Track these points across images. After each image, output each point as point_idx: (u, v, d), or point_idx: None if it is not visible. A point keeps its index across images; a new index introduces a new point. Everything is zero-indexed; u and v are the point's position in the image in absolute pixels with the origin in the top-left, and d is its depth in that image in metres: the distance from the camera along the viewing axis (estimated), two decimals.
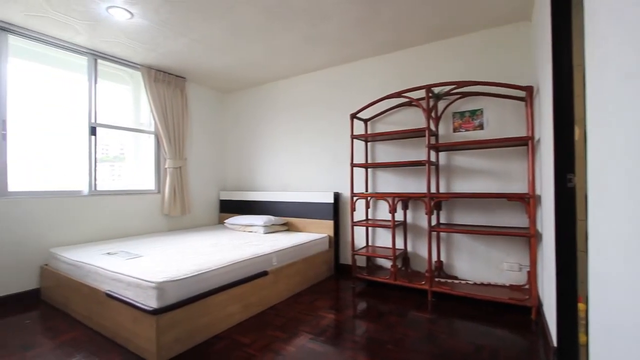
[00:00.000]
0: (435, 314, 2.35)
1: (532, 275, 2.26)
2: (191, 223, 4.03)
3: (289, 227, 3.69)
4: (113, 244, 2.82)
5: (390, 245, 3.10)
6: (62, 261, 2.49)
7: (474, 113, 2.77)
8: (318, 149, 3.66)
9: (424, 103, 2.72)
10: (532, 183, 2.28)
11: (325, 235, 3.34)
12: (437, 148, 2.78)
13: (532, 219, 2.23)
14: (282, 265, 2.65)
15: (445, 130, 2.90)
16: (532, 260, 2.24)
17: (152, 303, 1.76)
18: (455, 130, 2.85)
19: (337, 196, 3.43)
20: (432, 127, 2.87)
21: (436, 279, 2.75)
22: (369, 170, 3.32)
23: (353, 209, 3.01)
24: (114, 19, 2.52)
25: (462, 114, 2.82)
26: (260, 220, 3.44)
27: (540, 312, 2.22)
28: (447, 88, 2.70)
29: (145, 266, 2.08)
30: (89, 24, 2.60)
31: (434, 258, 2.87)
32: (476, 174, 2.76)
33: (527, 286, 2.46)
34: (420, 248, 3.02)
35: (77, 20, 2.55)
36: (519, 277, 2.57)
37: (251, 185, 4.27)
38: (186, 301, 1.85)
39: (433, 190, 2.88)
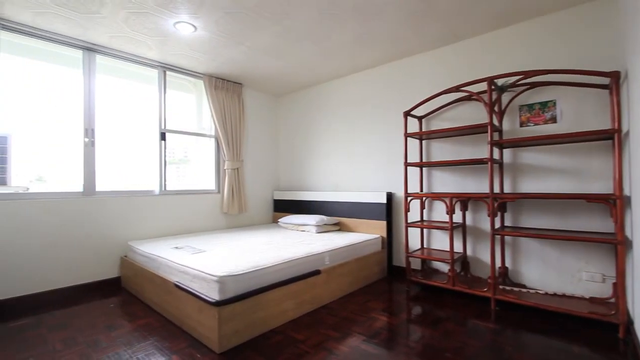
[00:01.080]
0: (499, 324, 2.17)
1: (620, 287, 1.97)
2: (247, 221, 4.24)
3: (340, 227, 3.70)
4: (180, 239, 3.08)
5: (447, 248, 2.94)
6: (138, 253, 2.79)
7: (545, 105, 2.51)
8: (370, 149, 3.61)
9: (485, 97, 2.54)
10: (619, 182, 1.99)
11: (378, 235, 3.28)
12: (501, 145, 2.57)
13: (620, 224, 1.94)
14: (334, 264, 2.66)
15: (510, 125, 2.67)
16: (620, 270, 1.95)
17: (214, 295, 1.88)
18: (522, 124, 2.60)
19: (390, 196, 3.35)
20: (495, 122, 2.66)
21: (500, 287, 2.54)
22: (424, 169, 3.18)
23: (407, 210, 2.91)
24: (180, 33, 2.75)
25: (530, 106, 2.57)
26: (312, 219, 3.49)
27: (630, 331, 1.93)
28: (513, 79, 2.48)
29: (208, 261, 2.23)
30: (159, 39, 2.87)
31: (498, 264, 2.65)
32: (547, 173, 2.50)
33: (612, 300, 2.16)
34: (481, 252, 2.81)
35: (149, 37, 2.83)
36: (601, 289, 2.26)
37: (303, 185, 4.36)
38: (244, 295, 1.94)
39: (496, 190, 2.67)
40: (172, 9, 2.39)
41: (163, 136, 3.45)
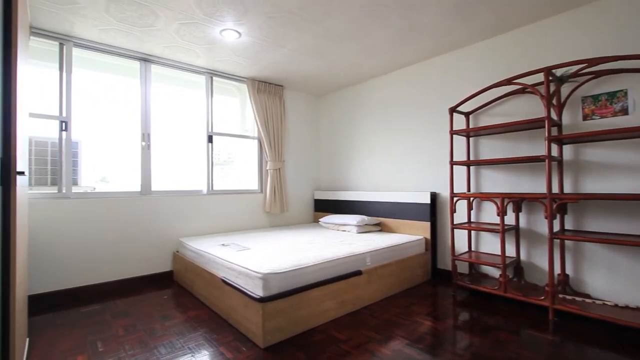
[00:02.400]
0: (558, 335, 1.99)
1: None
2: (289, 221, 4.32)
3: (382, 228, 3.63)
4: (225, 237, 3.22)
5: (498, 252, 2.76)
6: (188, 249, 2.96)
7: (613, 95, 2.25)
8: (412, 147, 3.50)
9: (541, 89, 2.35)
10: None
11: (421, 237, 3.17)
12: (560, 140, 2.35)
13: None
14: (376, 265, 2.62)
15: (570, 119, 2.43)
16: None
17: (258, 292, 1.94)
18: (585, 118, 2.36)
19: (434, 196, 3.22)
20: (554, 116, 2.44)
21: (560, 296, 2.33)
22: (472, 168, 3.01)
23: (453, 211, 2.78)
24: (226, 40, 2.88)
25: (595, 97, 2.32)
26: (353, 219, 3.47)
27: None
28: (574, 68, 2.26)
29: (252, 258, 2.31)
30: (206, 47, 3.03)
31: (557, 270, 2.44)
32: (616, 171, 2.24)
33: None
34: (537, 257, 2.60)
35: (197, 46, 3.00)
36: None
37: (344, 185, 4.35)
38: (287, 293, 1.98)
39: (555, 190, 2.45)
40: (219, 18, 2.51)
41: (210, 139, 3.64)
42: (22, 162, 1.45)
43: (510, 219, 2.71)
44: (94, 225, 2.85)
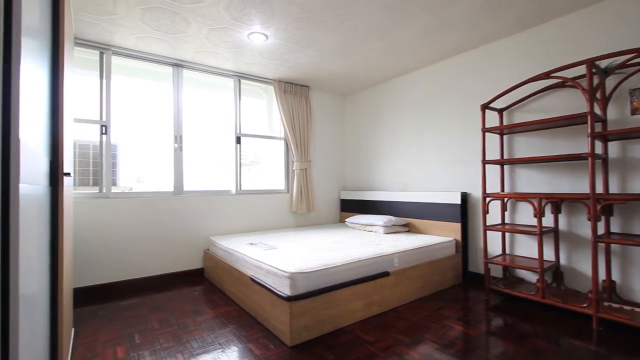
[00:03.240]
0: (603, 346, 1.85)
1: None
2: (315, 220, 4.34)
3: (409, 229, 3.56)
4: (253, 236, 3.28)
5: (535, 256, 2.62)
6: (218, 247, 3.05)
7: None
8: (442, 146, 3.40)
9: (583, 82, 2.20)
10: None
11: (451, 238, 3.07)
12: (605, 137, 2.19)
13: None
14: (404, 267, 2.57)
15: (617, 114, 2.26)
16: None
17: (286, 290, 1.96)
18: (634, 112, 2.18)
19: (465, 197, 3.11)
20: (597, 110, 2.28)
21: (605, 303, 2.17)
22: (506, 167, 2.88)
23: (485, 212, 2.66)
24: (253, 43, 2.93)
25: None
26: (380, 220, 3.42)
27: None
28: (621, 59, 2.10)
29: (279, 257, 2.34)
30: (234, 51, 3.10)
31: (602, 276, 2.27)
32: None
33: None
34: (579, 262, 2.44)
35: (226, 50, 3.08)
36: None
37: (371, 185, 4.30)
38: (314, 292, 1.99)
39: (599, 190, 2.29)
40: (246, 21, 2.56)
41: (238, 140, 3.73)
42: (68, 164, 1.55)
43: (548, 220, 2.56)
44: (131, 224, 3.01)
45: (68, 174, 1.38)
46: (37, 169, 0.91)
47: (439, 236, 3.17)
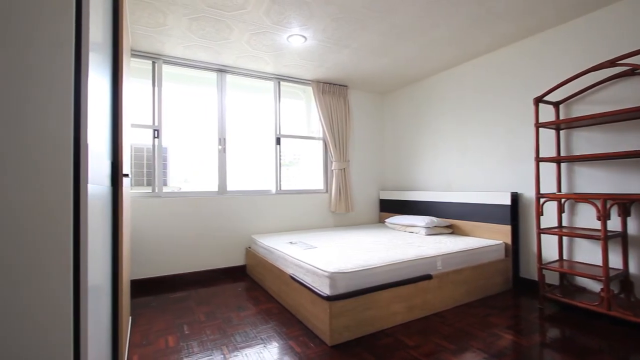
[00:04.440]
0: None
1: None
2: (354, 220, 4.31)
3: (453, 230, 3.40)
4: (293, 235, 3.34)
5: (598, 262, 2.38)
6: (259, 245, 3.14)
7: None
8: (489, 143, 3.20)
9: None
10: None
11: (500, 242, 2.88)
12: None
13: None
14: (447, 270, 2.46)
15: None
16: None
17: (326, 290, 1.97)
18: None
19: (515, 197, 2.90)
20: None
21: None
22: (563, 165, 2.64)
23: (539, 213, 2.47)
24: (292, 45, 2.98)
25: None
26: (422, 220, 3.31)
27: None
28: None
29: (319, 256, 2.35)
30: (274, 54, 3.18)
31: None
32: None
33: None
34: None
35: (266, 53, 3.16)
36: None
37: (411, 185, 4.18)
38: (354, 293, 1.97)
39: None
40: (286, 24, 2.61)
41: (278, 141, 3.82)
42: (126, 166, 1.69)
43: (614, 224, 2.31)
44: (180, 221, 3.20)
45: (126, 175, 1.50)
46: (101, 171, 1.00)
47: (486, 239, 3.00)
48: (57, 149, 0.64)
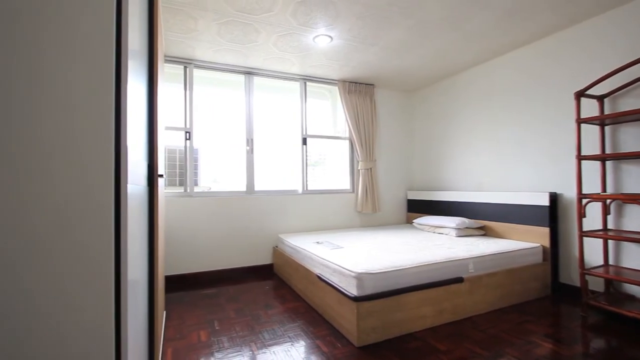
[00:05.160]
0: None
1: None
2: (381, 221, 4.26)
3: (485, 232, 3.26)
4: (319, 235, 3.35)
5: None
6: (286, 245, 3.18)
7: None
8: (523, 141, 3.05)
9: None
10: None
11: (537, 245, 2.73)
12: None
13: None
14: (479, 273, 2.36)
15: None
16: None
17: (353, 290, 1.96)
18: None
19: (554, 197, 2.74)
20: None
21: None
22: (608, 163, 2.46)
23: (581, 215, 2.31)
24: (318, 46, 2.99)
25: None
26: (452, 222, 3.21)
27: None
28: None
29: (346, 257, 2.34)
30: (300, 55, 3.20)
31: None
32: None
33: None
34: None
35: (292, 54, 3.19)
36: None
37: (440, 185, 4.07)
38: (382, 294, 1.95)
39: None
40: (312, 25, 2.62)
41: (304, 141, 3.85)
42: (160, 166, 1.77)
43: None
44: (210, 220, 3.31)
45: (161, 176, 1.57)
46: (139, 172, 1.05)
47: (522, 241, 2.85)
48: (100, 151, 0.68)
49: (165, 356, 1.83)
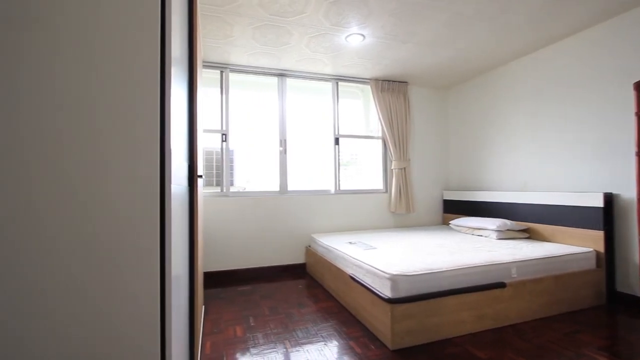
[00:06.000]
0: None
1: None
2: (415, 222, 4.15)
3: (530, 235, 3.07)
4: (352, 235, 3.33)
5: None
6: (319, 244, 3.20)
7: None
8: (574, 137, 2.82)
9: None
10: None
11: (590, 249, 2.52)
12: None
13: None
14: (524, 278, 2.22)
15: None
16: None
17: (387, 292, 1.92)
18: None
19: (609, 198, 2.51)
20: None
21: None
22: None
23: None
24: (351, 45, 2.98)
25: None
26: (492, 223, 3.05)
27: None
28: None
29: (379, 257, 2.31)
30: (332, 55, 3.20)
31: None
32: None
33: None
34: None
35: (324, 55, 3.20)
36: None
37: (479, 185, 3.88)
38: (417, 297, 1.89)
39: None
40: (344, 25, 2.61)
41: (337, 141, 3.85)
42: (199, 167, 1.85)
43: None
44: (245, 219, 3.41)
45: (200, 176, 1.64)
46: (181, 172, 1.11)
47: (572, 245, 2.65)
48: (148, 154, 0.73)
49: (204, 348, 1.91)
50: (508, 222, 3.03)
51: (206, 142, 3.45)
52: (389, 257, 2.32)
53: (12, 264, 0.64)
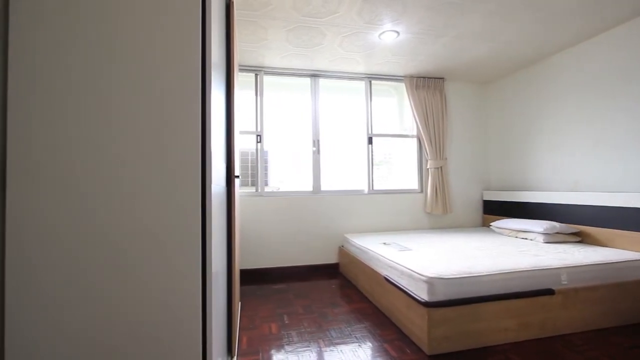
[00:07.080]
0: None
1: None
2: (452, 223, 3.99)
3: (582, 239, 2.83)
4: (386, 236, 3.27)
5: None
6: (352, 245, 3.18)
7: None
8: (631, 132, 2.56)
9: None
10: None
11: None
12: None
13: None
14: (575, 286, 2.06)
15: None
16: None
17: (423, 295, 1.87)
18: None
19: None
20: None
21: None
22: None
23: None
24: (384, 42, 2.93)
25: None
26: (539, 226, 2.85)
27: None
28: None
29: (415, 259, 2.24)
30: (365, 53, 3.17)
31: None
32: None
33: None
34: None
35: (357, 54, 3.18)
36: None
37: (522, 184, 3.65)
38: (455, 301, 1.82)
39: None
40: (378, 22, 2.57)
41: (370, 140, 3.80)
42: (236, 168, 1.91)
43: None
44: (279, 219, 3.47)
45: (237, 177, 1.70)
46: (220, 173, 1.16)
47: (633, 251, 2.41)
48: (190, 155, 0.77)
49: (241, 342, 1.97)
50: (557, 224, 2.82)
51: (242, 143, 3.55)
52: (425, 259, 2.25)
53: (84, 267, 0.70)
